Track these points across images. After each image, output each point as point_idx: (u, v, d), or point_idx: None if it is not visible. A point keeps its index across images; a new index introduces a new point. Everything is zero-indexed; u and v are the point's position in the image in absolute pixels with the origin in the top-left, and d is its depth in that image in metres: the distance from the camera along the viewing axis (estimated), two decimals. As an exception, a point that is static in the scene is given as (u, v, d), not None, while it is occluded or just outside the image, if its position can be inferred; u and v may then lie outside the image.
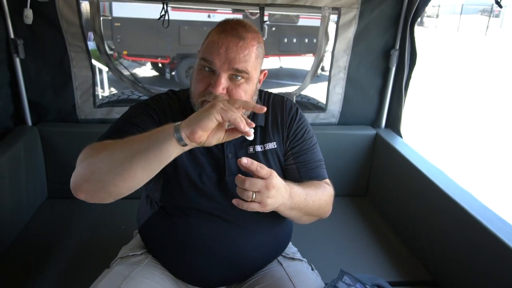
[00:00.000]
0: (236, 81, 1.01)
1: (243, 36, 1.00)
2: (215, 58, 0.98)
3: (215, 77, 0.99)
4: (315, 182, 1.16)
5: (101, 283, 1.02)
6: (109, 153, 0.86)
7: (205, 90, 1.01)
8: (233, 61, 0.98)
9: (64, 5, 1.74)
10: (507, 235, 1.20)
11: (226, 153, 1.11)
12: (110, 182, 0.86)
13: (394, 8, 1.95)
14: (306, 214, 1.08)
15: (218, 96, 0.98)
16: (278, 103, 1.23)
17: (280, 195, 0.91)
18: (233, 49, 0.98)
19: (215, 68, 0.99)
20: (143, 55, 7.40)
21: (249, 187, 0.85)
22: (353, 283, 1.20)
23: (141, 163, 0.83)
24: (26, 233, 1.66)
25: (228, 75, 1.00)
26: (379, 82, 2.13)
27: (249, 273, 1.16)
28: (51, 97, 1.90)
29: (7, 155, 1.58)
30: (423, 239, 1.61)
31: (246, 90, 1.03)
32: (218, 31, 1.01)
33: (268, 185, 0.86)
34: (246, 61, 1.00)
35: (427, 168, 1.68)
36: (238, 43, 0.99)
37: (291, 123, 1.20)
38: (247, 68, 1.00)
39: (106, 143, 0.90)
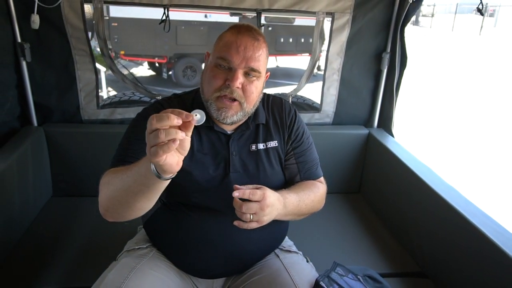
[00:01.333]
0: (249, 78, 1.09)
1: (257, 38, 1.09)
2: (234, 55, 1.06)
3: (231, 73, 1.06)
4: (310, 183, 1.26)
5: (110, 274, 1.07)
6: (115, 191, 0.95)
7: (222, 85, 1.08)
8: (250, 59, 1.06)
9: (69, 11, 1.79)
10: (489, 229, 1.28)
11: (231, 151, 1.17)
12: (124, 214, 0.99)
13: (385, 13, 2.02)
14: (299, 215, 1.20)
15: (234, 90, 1.06)
16: (277, 104, 1.29)
17: (275, 209, 1.02)
18: (250, 48, 1.06)
19: (232, 65, 1.06)
20: (140, 55, 7.37)
21: (246, 211, 0.96)
22: (346, 273, 1.25)
23: (143, 198, 0.91)
24: (33, 229, 1.71)
25: (244, 72, 1.07)
26: (371, 84, 2.19)
27: (248, 265, 1.22)
28: (56, 98, 1.96)
29: (15, 155, 1.63)
30: (412, 233, 1.68)
31: (257, 86, 1.11)
32: (235, 32, 1.09)
33: (263, 206, 0.97)
34: (259, 60, 1.08)
35: (417, 166, 1.74)
36: (254, 43, 1.08)
37: (291, 124, 1.27)
38: (260, 67, 1.09)
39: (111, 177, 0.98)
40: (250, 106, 1.12)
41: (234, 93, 1.07)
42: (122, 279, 1.04)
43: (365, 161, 2.18)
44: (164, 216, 1.20)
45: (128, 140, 1.13)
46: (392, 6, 2.01)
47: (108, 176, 1.01)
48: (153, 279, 1.08)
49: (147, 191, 0.88)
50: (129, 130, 1.16)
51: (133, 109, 2.07)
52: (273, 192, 1.03)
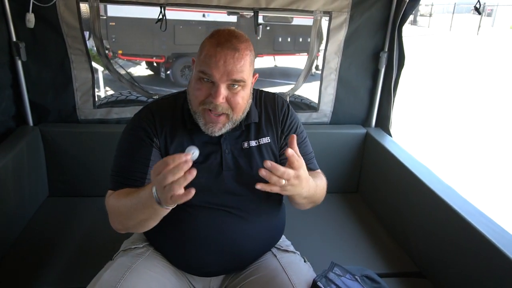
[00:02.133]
0: (234, 89, 1.07)
1: (238, 48, 1.05)
2: (213, 71, 1.03)
3: (214, 88, 1.04)
4: (314, 173, 1.25)
5: (105, 274, 1.07)
6: (125, 218, 1.06)
7: (205, 99, 1.06)
8: (231, 73, 1.03)
9: (65, 10, 1.78)
10: (487, 228, 1.27)
11: (224, 149, 1.17)
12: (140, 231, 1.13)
13: (382, 12, 2.02)
14: (311, 202, 1.18)
15: (218, 106, 1.05)
16: (269, 100, 1.28)
17: (301, 186, 0.98)
18: (230, 62, 1.03)
19: (214, 80, 1.04)
20: (138, 55, 7.36)
21: (282, 176, 0.91)
22: (343, 274, 1.25)
23: (151, 221, 1.02)
24: (29, 229, 1.71)
25: (227, 85, 1.05)
26: (369, 83, 2.19)
27: (245, 263, 1.22)
28: (52, 98, 1.95)
29: (11, 155, 1.62)
30: (409, 232, 1.68)
31: (243, 96, 1.09)
32: (214, 44, 1.05)
33: (297, 176, 0.94)
34: (243, 71, 1.05)
35: (414, 165, 1.74)
36: (234, 55, 1.03)
37: (284, 119, 1.26)
38: (244, 77, 1.06)
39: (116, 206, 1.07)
40: (238, 115, 1.12)
41: (219, 108, 1.06)
42: (118, 279, 1.04)
43: (363, 161, 2.18)
44: None
45: (121, 156, 1.16)
46: (390, 5, 2.00)
47: (113, 201, 1.09)
48: (148, 279, 1.08)
49: (154, 216, 0.99)
50: (121, 145, 1.18)
51: (129, 108, 2.06)
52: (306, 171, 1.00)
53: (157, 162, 0.86)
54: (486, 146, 5.23)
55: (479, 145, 5.24)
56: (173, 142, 1.15)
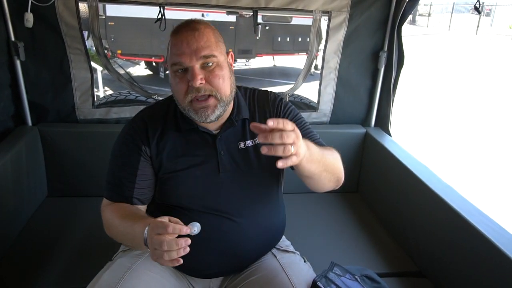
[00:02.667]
0: (209, 68, 1.05)
1: (197, 27, 1.06)
2: (181, 56, 1.03)
3: (189, 73, 1.04)
4: (326, 147, 1.17)
5: (105, 274, 1.07)
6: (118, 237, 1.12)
7: (187, 89, 1.05)
8: (198, 50, 1.03)
9: (64, 9, 1.78)
10: (486, 227, 1.27)
11: (219, 150, 1.15)
12: None
13: (382, 12, 2.02)
14: (325, 169, 1.06)
15: (200, 88, 1.04)
16: (262, 98, 1.26)
17: (302, 145, 0.89)
18: (193, 40, 1.03)
19: (186, 65, 1.04)
20: (137, 54, 7.34)
21: (286, 140, 0.82)
22: (343, 274, 1.25)
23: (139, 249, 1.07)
24: (28, 229, 1.70)
25: (200, 65, 1.04)
26: (368, 83, 2.19)
27: (245, 264, 1.21)
28: (51, 98, 1.94)
29: (9, 155, 1.62)
30: (409, 232, 1.68)
31: (223, 75, 1.07)
32: (175, 34, 1.07)
33: (298, 135, 0.85)
34: (209, 46, 1.04)
35: (414, 165, 1.74)
36: (194, 33, 1.04)
37: (277, 111, 1.24)
38: (213, 52, 1.05)
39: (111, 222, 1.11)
40: (226, 94, 1.09)
41: (201, 90, 1.04)
42: (117, 279, 1.04)
43: (363, 160, 2.18)
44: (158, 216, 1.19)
45: (114, 168, 1.18)
46: (389, 4, 2.00)
47: (108, 215, 1.13)
48: (148, 280, 1.07)
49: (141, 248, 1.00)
50: (113, 156, 1.19)
51: (129, 108, 2.06)
52: None
53: (158, 220, 0.90)
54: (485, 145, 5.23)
55: (478, 144, 5.24)
56: (165, 147, 1.15)
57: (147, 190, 1.17)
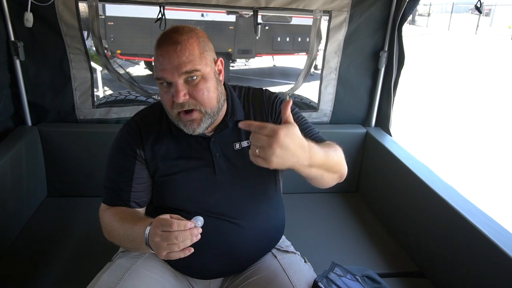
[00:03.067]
0: (193, 82, 1.02)
1: (178, 40, 1.01)
2: (163, 72, 1.01)
3: (173, 88, 1.02)
4: (325, 142, 1.12)
5: (104, 275, 1.07)
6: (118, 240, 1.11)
7: (173, 104, 1.04)
8: (179, 66, 1.00)
9: (63, 9, 1.77)
10: (487, 227, 1.27)
11: (214, 153, 1.15)
12: None
13: (382, 11, 2.02)
14: (327, 170, 1.01)
15: (184, 103, 1.02)
16: (257, 96, 1.24)
17: (292, 154, 0.84)
18: (174, 56, 1.00)
19: (168, 80, 1.02)
20: (136, 54, 7.33)
21: (252, 141, 0.84)
22: (344, 274, 1.25)
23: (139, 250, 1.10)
24: (28, 229, 1.70)
25: (183, 80, 1.02)
26: (369, 83, 2.19)
27: (245, 265, 1.21)
28: (51, 98, 1.93)
29: (9, 155, 1.61)
30: (410, 232, 1.67)
31: (207, 88, 1.04)
32: (157, 47, 1.04)
33: (272, 143, 0.81)
34: (191, 61, 1.01)
35: (415, 165, 1.74)
36: (176, 48, 1.00)
37: (273, 108, 1.22)
38: (195, 67, 1.01)
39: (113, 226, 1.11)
40: (211, 107, 1.07)
41: (185, 105, 1.03)
42: (117, 280, 1.03)
43: (363, 160, 2.18)
44: None
45: (110, 173, 1.18)
46: (389, 4, 2.00)
47: (107, 219, 1.13)
48: (148, 280, 1.07)
49: (142, 250, 1.03)
50: (108, 161, 1.20)
51: (129, 108, 2.05)
52: (298, 136, 0.86)
53: (161, 218, 0.92)
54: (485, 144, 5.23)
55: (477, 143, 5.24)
56: (160, 150, 1.15)
57: (144, 193, 1.17)
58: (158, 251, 0.91)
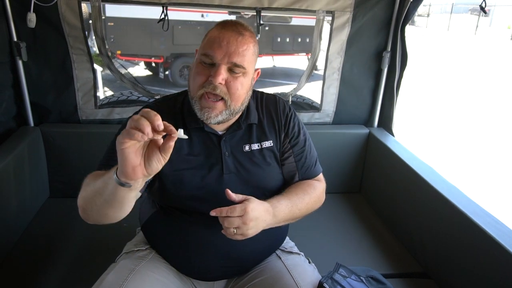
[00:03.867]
0: (234, 74, 1.05)
1: (242, 33, 1.05)
2: (216, 51, 1.02)
3: (214, 69, 1.03)
4: (306, 184, 1.23)
5: (108, 276, 1.06)
6: (87, 194, 0.97)
7: (205, 82, 1.04)
8: (233, 54, 1.02)
9: (66, 9, 1.77)
10: (492, 228, 1.27)
11: (223, 152, 1.15)
12: (97, 219, 0.99)
13: (385, 12, 2.02)
14: (293, 220, 1.18)
15: (216, 87, 1.03)
16: (271, 103, 1.26)
17: (262, 221, 1.01)
18: (233, 43, 1.03)
19: (215, 60, 1.03)
20: (136, 55, 7.35)
21: (228, 225, 0.96)
22: (348, 275, 1.24)
23: (107, 206, 0.91)
24: (31, 231, 1.69)
25: (227, 67, 1.04)
26: (371, 83, 2.19)
27: (248, 266, 1.20)
28: (53, 98, 1.93)
29: (12, 156, 1.61)
30: (414, 233, 1.67)
31: (243, 83, 1.07)
32: (219, 28, 1.06)
33: (245, 221, 0.96)
34: (244, 55, 1.04)
35: (418, 165, 1.73)
36: (237, 37, 1.04)
37: (287, 122, 1.24)
38: (244, 63, 1.04)
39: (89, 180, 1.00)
40: (236, 104, 1.08)
41: (217, 89, 1.03)
42: (121, 281, 1.03)
43: (366, 161, 2.18)
44: (160, 219, 1.19)
45: (113, 145, 1.11)
46: (393, 4, 2.00)
47: (88, 179, 1.01)
48: (152, 281, 1.07)
49: (111, 199, 0.88)
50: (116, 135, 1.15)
51: (131, 108, 2.05)
52: (260, 203, 1.02)
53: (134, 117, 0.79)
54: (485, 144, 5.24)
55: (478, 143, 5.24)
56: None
57: None
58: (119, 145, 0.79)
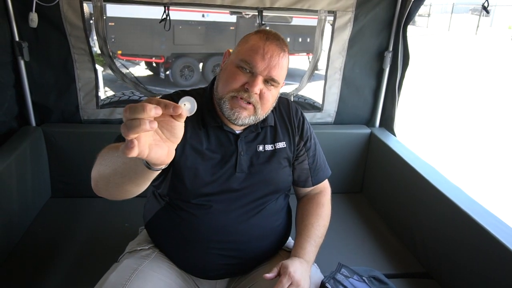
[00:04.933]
0: (268, 86, 1.09)
1: (284, 48, 1.10)
2: (258, 62, 1.05)
3: (252, 78, 1.06)
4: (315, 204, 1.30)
5: (111, 276, 1.06)
6: (104, 168, 0.89)
7: (239, 88, 1.07)
8: (273, 68, 1.06)
9: (68, 9, 1.77)
10: (495, 228, 1.27)
11: (239, 150, 1.16)
12: (112, 193, 0.95)
13: (387, 12, 2.01)
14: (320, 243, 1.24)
15: (251, 95, 1.06)
16: (283, 105, 1.29)
17: (305, 272, 1.08)
18: (276, 58, 1.06)
19: (255, 70, 1.05)
20: (137, 55, 7.34)
21: None
22: (351, 275, 1.25)
23: (130, 184, 0.85)
24: (32, 231, 1.69)
25: (264, 79, 1.07)
26: (373, 83, 2.18)
27: (251, 265, 1.21)
28: (55, 98, 1.93)
29: (14, 156, 1.61)
30: (415, 233, 1.67)
31: (274, 95, 1.12)
32: (263, 38, 1.08)
33: (297, 283, 1.02)
34: (281, 72, 1.09)
35: (420, 165, 1.73)
36: (280, 53, 1.08)
37: (300, 125, 1.27)
38: (279, 79, 1.09)
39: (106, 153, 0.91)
40: (263, 113, 1.12)
41: (252, 98, 1.06)
42: (124, 281, 1.03)
43: (367, 161, 2.17)
44: (165, 216, 1.19)
45: None
46: (394, 4, 2.00)
47: (105, 150, 0.93)
48: (155, 281, 1.07)
49: (135, 177, 0.81)
50: None
51: (132, 108, 2.04)
52: (292, 261, 1.06)
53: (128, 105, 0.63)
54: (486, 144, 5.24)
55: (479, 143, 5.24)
56: (187, 132, 1.10)
57: None
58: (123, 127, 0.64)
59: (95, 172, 0.95)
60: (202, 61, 7.54)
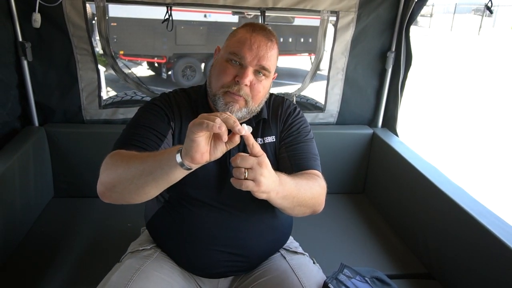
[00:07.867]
0: (259, 76, 1.11)
1: (271, 38, 1.12)
2: (246, 53, 1.07)
3: (242, 70, 1.08)
4: (306, 173, 1.16)
5: (114, 276, 1.06)
6: (126, 170, 0.92)
7: (230, 82, 1.09)
8: (262, 58, 1.08)
9: (71, 9, 1.77)
10: (498, 229, 1.26)
11: None
12: (128, 196, 0.96)
13: (390, 12, 2.01)
14: (299, 204, 1.05)
15: (241, 88, 1.07)
16: (278, 102, 1.30)
17: (273, 176, 0.89)
18: (263, 48, 1.08)
19: (244, 62, 1.08)
20: (139, 55, 7.36)
21: (241, 164, 0.83)
22: (353, 275, 1.24)
23: (153, 184, 0.90)
24: (35, 230, 1.69)
25: (254, 70, 1.09)
26: (375, 83, 2.18)
27: (252, 264, 1.21)
28: (58, 98, 1.94)
29: (16, 156, 1.61)
30: (418, 233, 1.66)
31: (265, 86, 1.13)
32: (249, 30, 1.11)
33: (261, 162, 0.83)
34: (271, 60, 1.10)
35: (422, 165, 1.73)
36: (267, 43, 1.10)
37: (287, 117, 1.27)
38: (270, 67, 1.11)
39: (123, 157, 0.97)
40: (255, 105, 1.13)
41: (241, 91, 1.08)
42: (126, 281, 1.03)
43: (369, 161, 2.17)
44: (165, 215, 1.20)
45: (135, 126, 1.12)
46: (397, 5, 2.00)
47: (115, 157, 0.98)
48: (157, 281, 1.07)
49: (161, 175, 0.87)
50: (137, 117, 1.16)
51: (135, 109, 2.01)
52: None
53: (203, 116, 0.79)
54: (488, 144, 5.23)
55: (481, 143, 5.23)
56: (183, 130, 1.15)
57: None
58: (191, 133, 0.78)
59: (111, 176, 0.96)
60: (204, 61, 7.55)
